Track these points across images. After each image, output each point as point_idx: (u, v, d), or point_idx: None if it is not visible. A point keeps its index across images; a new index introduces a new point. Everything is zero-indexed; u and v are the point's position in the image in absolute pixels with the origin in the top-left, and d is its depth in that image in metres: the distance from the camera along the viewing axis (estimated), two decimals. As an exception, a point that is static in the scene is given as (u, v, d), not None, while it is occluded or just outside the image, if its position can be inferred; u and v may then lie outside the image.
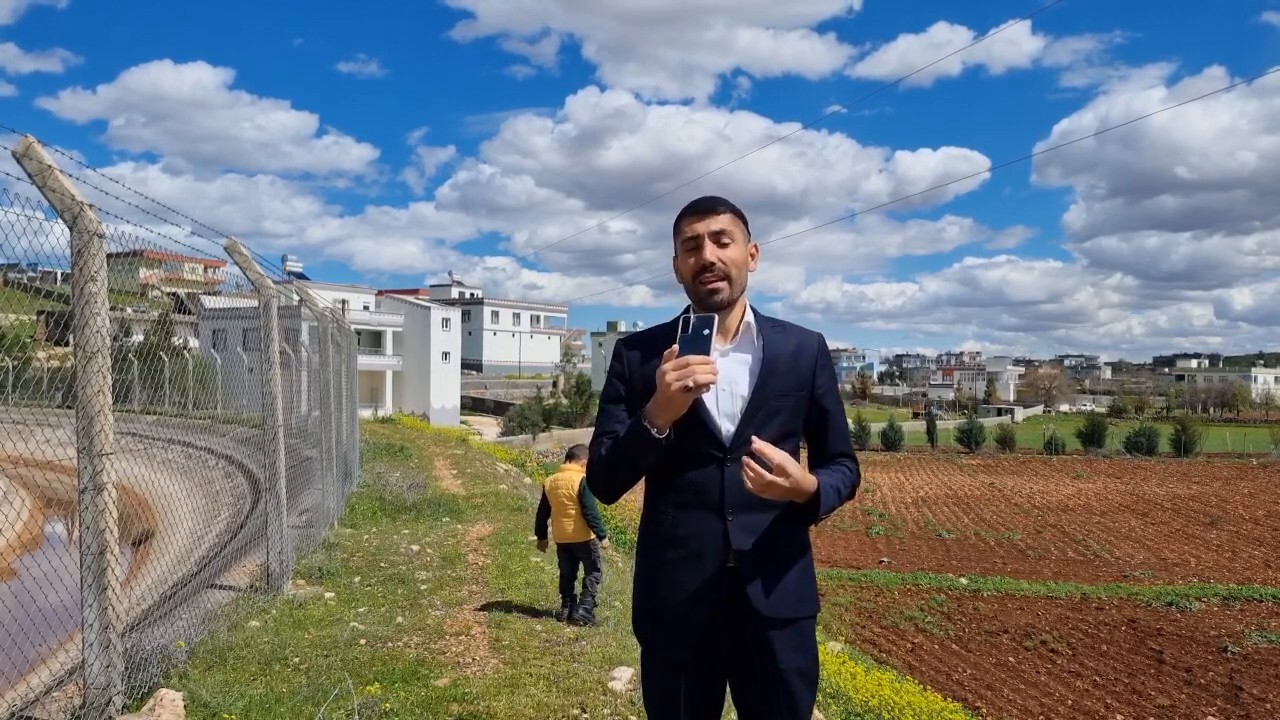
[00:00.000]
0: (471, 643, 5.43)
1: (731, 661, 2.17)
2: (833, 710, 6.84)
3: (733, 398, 2.12)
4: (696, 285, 2.12)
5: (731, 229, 2.13)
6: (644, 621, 2.21)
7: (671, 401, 1.93)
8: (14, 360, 18.68)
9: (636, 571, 2.27)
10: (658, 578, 2.16)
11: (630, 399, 2.17)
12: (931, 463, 51.68)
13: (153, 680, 4.08)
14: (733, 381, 2.13)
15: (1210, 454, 54.33)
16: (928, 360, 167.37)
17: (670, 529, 2.15)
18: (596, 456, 2.16)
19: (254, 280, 5.99)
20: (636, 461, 2.06)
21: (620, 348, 2.25)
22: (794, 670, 2.13)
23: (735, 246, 2.13)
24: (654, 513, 2.20)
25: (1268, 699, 13.23)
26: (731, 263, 2.11)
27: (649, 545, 2.21)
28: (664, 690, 2.17)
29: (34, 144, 3.20)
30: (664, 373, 1.91)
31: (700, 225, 2.12)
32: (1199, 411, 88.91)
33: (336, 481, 9.90)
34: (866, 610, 18.56)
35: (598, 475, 2.17)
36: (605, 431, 2.17)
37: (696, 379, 1.88)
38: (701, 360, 1.90)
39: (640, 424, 1.99)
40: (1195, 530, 28.99)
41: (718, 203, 2.16)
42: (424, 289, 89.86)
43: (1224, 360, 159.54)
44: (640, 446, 2.01)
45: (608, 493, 2.17)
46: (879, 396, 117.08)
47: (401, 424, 33.25)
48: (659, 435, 1.98)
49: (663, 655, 2.18)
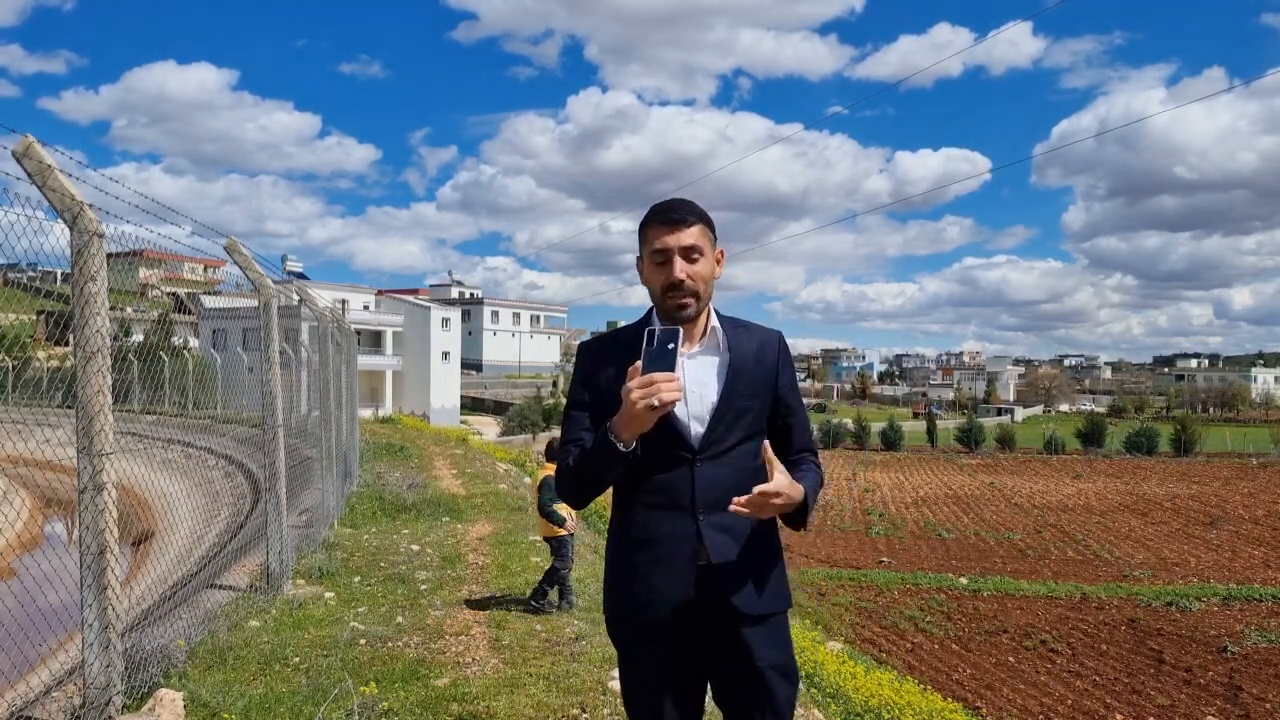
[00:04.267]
0: (471, 643, 5.43)
1: (709, 661, 2.17)
2: (833, 710, 6.82)
3: (701, 400, 2.12)
4: (665, 299, 2.10)
5: (701, 243, 2.10)
6: (618, 624, 2.21)
7: (636, 419, 1.92)
8: (14, 360, 18.67)
9: (607, 574, 2.25)
10: (631, 580, 2.15)
11: (595, 405, 2.14)
12: (931, 463, 51.69)
13: (153, 680, 4.08)
14: (701, 384, 2.12)
15: (1210, 454, 54.36)
16: (928, 360, 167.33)
17: (641, 530, 2.14)
18: (564, 466, 2.15)
19: (254, 280, 5.98)
20: (602, 474, 2.06)
21: (584, 351, 2.23)
22: (771, 666, 2.13)
23: (704, 261, 2.11)
24: (624, 514, 2.19)
25: (1267, 699, 13.23)
26: (700, 278, 2.10)
27: (620, 547, 2.20)
28: (644, 692, 2.17)
29: (34, 144, 3.20)
30: (629, 390, 1.90)
31: (670, 239, 2.08)
32: (1199, 411, 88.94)
33: (336, 481, 9.90)
34: (866, 610, 18.56)
35: (566, 484, 2.17)
36: (571, 439, 2.16)
37: (661, 398, 1.87)
38: (667, 378, 1.88)
39: (606, 438, 1.98)
40: (1195, 530, 29.00)
41: (687, 213, 2.11)
42: (424, 289, 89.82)
43: (1224, 360, 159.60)
44: (605, 460, 2.00)
45: (576, 500, 2.17)
46: (879, 396, 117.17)
47: (401, 424, 33.21)
48: (625, 450, 1.97)
49: (640, 658, 2.17)
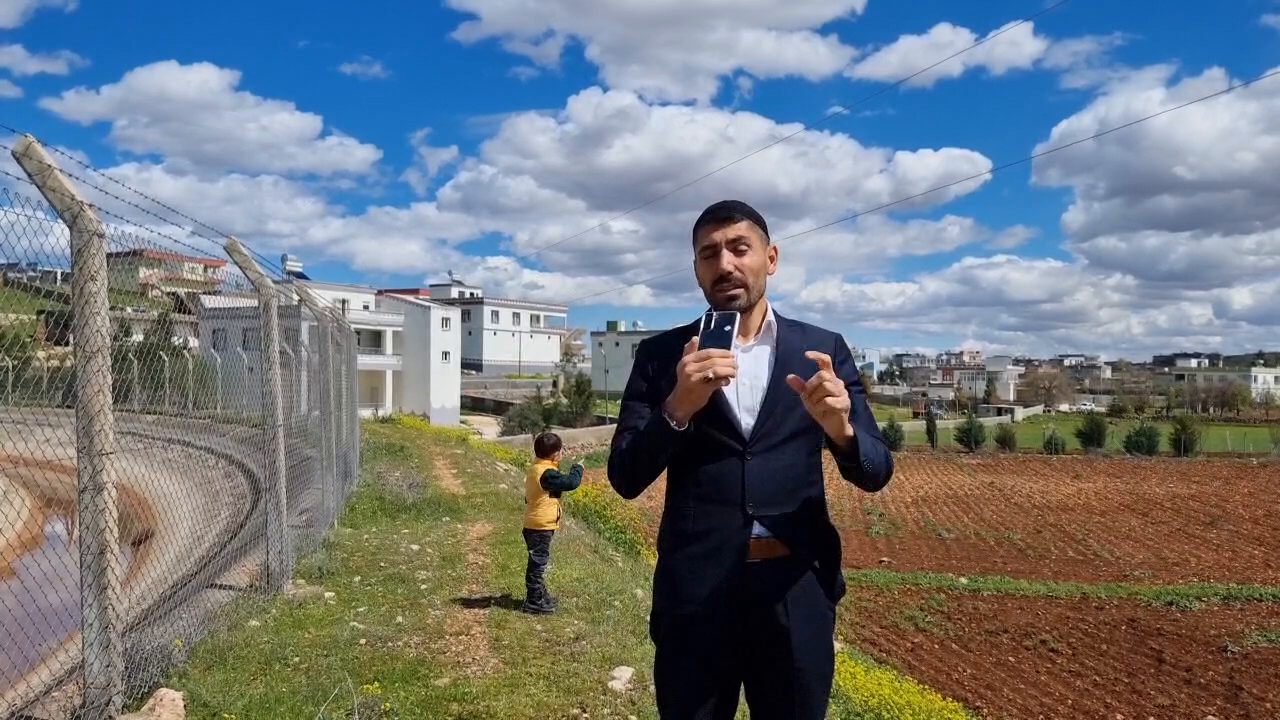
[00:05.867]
0: (471, 642, 5.43)
1: (748, 659, 2.17)
2: (832, 710, 6.82)
3: (753, 391, 2.14)
4: (714, 293, 2.14)
5: (749, 235, 2.15)
6: (664, 618, 2.21)
7: (691, 393, 1.95)
8: (14, 360, 18.68)
9: (657, 569, 2.27)
10: (679, 574, 2.17)
11: (652, 396, 2.18)
12: (931, 462, 51.69)
13: (153, 680, 4.08)
14: (753, 375, 2.15)
15: (1210, 454, 54.40)
16: (928, 360, 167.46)
17: (691, 523, 2.16)
18: (617, 451, 2.17)
19: (254, 280, 5.98)
20: (656, 454, 2.08)
21: (644, 346, 2.29)
22: (809, 668, 2.13)
23: (753, 253, 2.15)
24: (675, 508, 2.21)
25: (1267, 699, 13.24)
26: (748, 270, 2.13)
27: (670, 541, 2.22)
28: (681, 688, 2.16)
29: (34, 143, 3.20)
30: (684, 364, 1.94)
31: (717, 233, 2.14)
32: (1199, 411, 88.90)
33: (336, 481, 9.90)
34: (866, 610, 18.58)
35: (619, 468, 2.16)
36: (627, 427, 2.19)
37: (716, 370, 1.91)
38: (722, 353, 1.93)
39: (660, 416, 2.02)
40: (1195, 530, 29.00)
41: (735, 210, 2.17)
42: (424, 289, 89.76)
43: (1224, 360, 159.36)
44: (660, 439, 2.03)
45: (629, 486, 2.16)
46: (879, 396, 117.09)
47: (401, 424, 33.21)
48: (678, 428, 2.00)
49: (680, 650, 2.17)
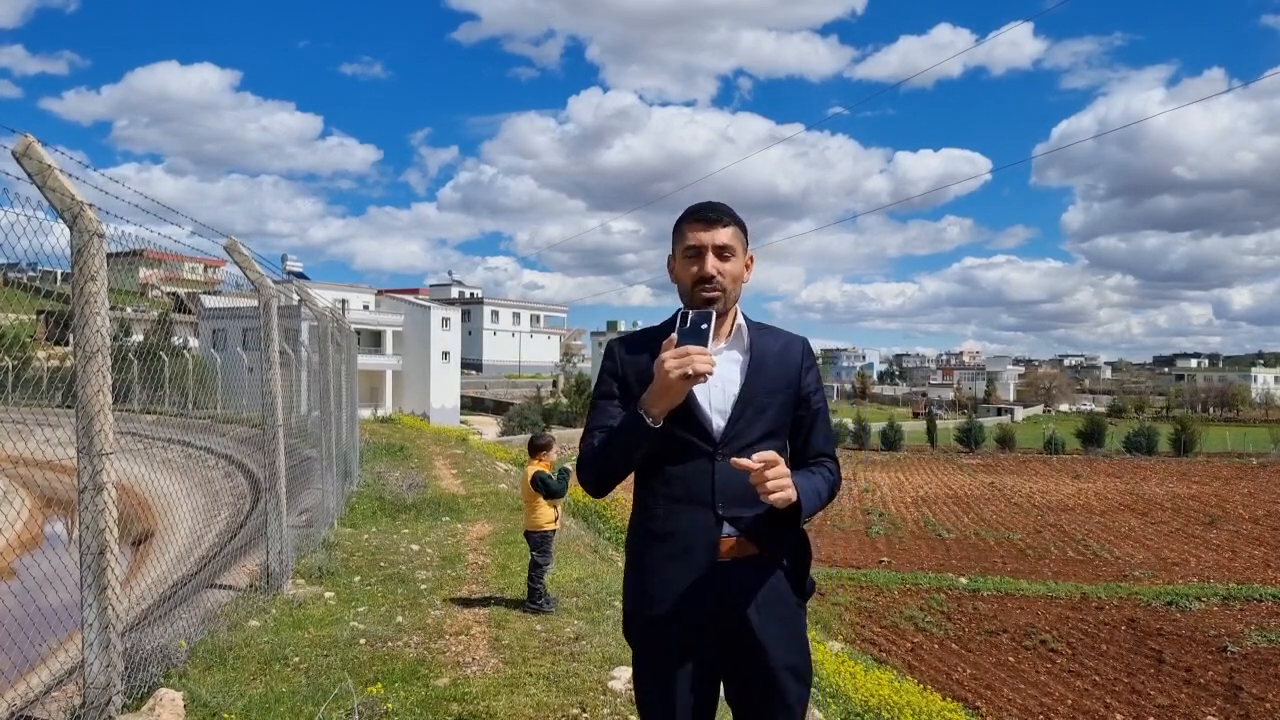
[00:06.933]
0: (471, 642, 5.43)
1: (723, 659, 2.18)
2: (832, 710, 6.82)
3: (724, 394, 2.16)
4: (694, 293, 2.15)
5: (733, 243, 2.18)
6: (635, 619, 2.22)
7: (669, 389, 1.97)
8: (14, 360, 18.67)
9: (627, 569, 2.27)
10: (649, 575, 2.18)
11: (623, 396, 2.19)
12: (931, 462, 51.70)
13: (152, 680, 4.08)
14: (725, 379, 2.16)
15: (1210, 454, 54.38)
16: (928, 360, 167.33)
17: (661, 524, 2.17)
18: (589, 448, 2.17)
19: (254, 280, 5.98)
20: (630, 452, 2.09)
21: (614, 345, 2.29)
22: (785, 666, 2.14)
23: (735, 260, 2.18)
24: (644, 509, 2.22)
25: (1267, 699, 13.24)
26: (730, 276, 2.16)
27: (639, 542, 2.23)
28: (658, 688, 2.17)
29: (34, 143, 3.20)
30: (663, 360, 1.96)
31: (705, 236, 2.16)
32: (1199, 411, 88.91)
33: (336, 481, 9.90)
34: (866, 610, 18.57)
35: (589, 466, 2.17)
36: (597, 426, 2.20)
37: (695, 367, 1.93)
38: (700, 350, 1.95)
39: (636, 413, 2.03)
40: (1195, 530, 29.00)
41: (723, 214, 2.19)
42: (424, 289, 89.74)
43: (1224, 360, 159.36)
44: (635, 436, 2.04)
45: (598, 485, 2.18)
46: (879, 396, 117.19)
47: (401, 424, 33.23)
48: (653, 424, 2.02)
49: (655, 652, 2.17)
